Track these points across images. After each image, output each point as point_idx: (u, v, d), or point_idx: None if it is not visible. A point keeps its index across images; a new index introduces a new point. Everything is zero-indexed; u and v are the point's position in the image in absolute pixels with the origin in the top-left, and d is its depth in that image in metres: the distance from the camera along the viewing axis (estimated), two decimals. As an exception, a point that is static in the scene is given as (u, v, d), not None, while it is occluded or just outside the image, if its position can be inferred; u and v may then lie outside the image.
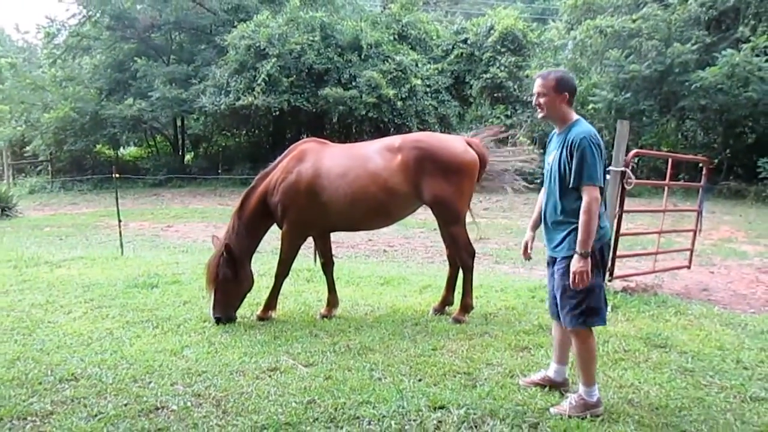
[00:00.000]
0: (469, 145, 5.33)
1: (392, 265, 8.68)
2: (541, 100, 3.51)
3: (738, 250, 10.07)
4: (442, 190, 5.11)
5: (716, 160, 18.92)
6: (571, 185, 3.37)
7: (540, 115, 3.58)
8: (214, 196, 20.77)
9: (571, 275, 3.34)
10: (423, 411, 3.47)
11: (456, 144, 5.31)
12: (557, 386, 3.79)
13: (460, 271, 5.48)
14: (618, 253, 6.65)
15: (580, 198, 3.35)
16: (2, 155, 28.73)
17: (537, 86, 3.53)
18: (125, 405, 3.61)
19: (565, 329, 3.61)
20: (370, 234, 11.26)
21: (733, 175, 19.26)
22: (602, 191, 3.37)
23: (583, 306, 3.39)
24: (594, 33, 20.16)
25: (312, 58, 21.22)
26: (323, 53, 21.63)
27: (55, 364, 4.27)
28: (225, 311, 5.30)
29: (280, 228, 5.48)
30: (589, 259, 3.30)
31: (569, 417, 3.41)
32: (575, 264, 3.31)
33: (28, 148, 27.10)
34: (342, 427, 3.31)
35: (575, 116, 3.55)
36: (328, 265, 5.68)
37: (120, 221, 9.71)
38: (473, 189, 5.36)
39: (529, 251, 3.90)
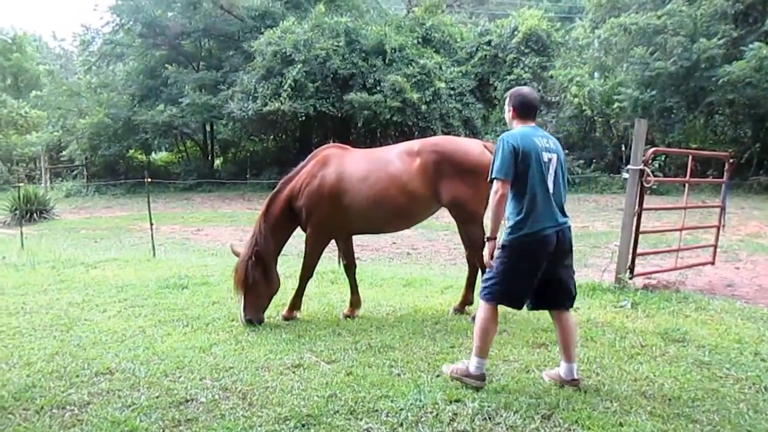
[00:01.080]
0: (486, 148, 5.43)
1: (415, 267, 8.81)
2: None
3: (766, 245, 9.97)
4: (460, 192, 5.21)
5: (746, 155, 18.60)
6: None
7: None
8: (242, 200, 21.13)
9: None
10: (439, 404, 3.59)
11: (473, 147, 5.41)
12: (568, 384, 3.87)
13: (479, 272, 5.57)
14: (639, 250, 6.69)
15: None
16: (40, 160, 29.60)
17: None
18: (157, 397, 3.80)
19: (566, 324, 3.90)
20: (394, 237, 11.40)
21: (764, 170, 18.92)
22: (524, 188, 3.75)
23: (491, 282, 3.81)
24: (619, 31, 20.01)
25: (337, 64, 21.44)
26: (348, 58, 21.83)
27: (91, 358, 4.49)
28: (255, 313, 5.42)
29: (304, 231, 5.63)
30: (494, 246, 3.76)
31: (451, 378, 3.89)
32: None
33: (64, 152, 27.92)
34: (361, 419, 3.45)
35: (518, 128, 3.96)
36: (350, 267, 5.82)
37: (152, 225, 10.01)
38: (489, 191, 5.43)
39: None
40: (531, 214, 3.71)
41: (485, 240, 3.86)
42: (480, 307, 3.90)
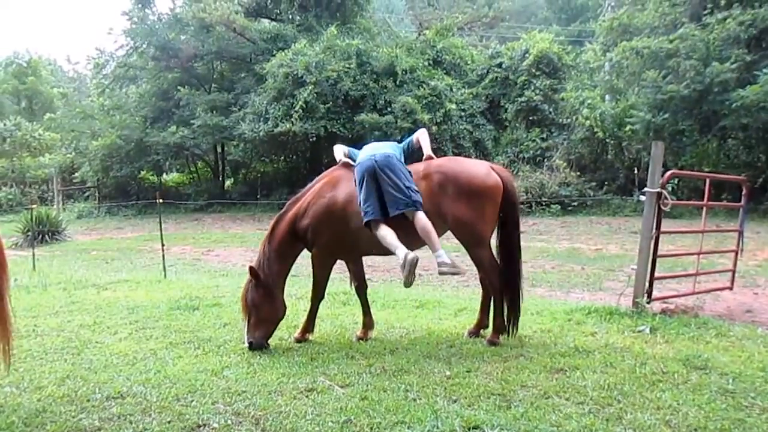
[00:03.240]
0: (493, 169, 5.37)
1: (428, 288, 8.73)
2: None
3: (784, 272, 9.81)
4: (464, 214, 5.13)
5: (760, 180, 18.43)
6: None
7: None
8: (253, 221, 21.16)
9: None
10: (457, 431, 3.50)
11: (478, 168, 5.35)
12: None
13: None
14: (657, 274, 6.58)
15: None
16: (53, 181, 29.86)
17: None
18: (169, 422, 3.73)
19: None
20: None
21: (779, 195, 18.72)
22: None
23: None
24: (630, 54, 20.00)
25: (348, 85, 21.58)
26: (359, 80, 21.98)
27: (102, 382, 4.43)
28: (255, 336, 5.29)
29: (309, 251, 5.58)
30: None
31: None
32: None
33: (76, 174, 28.19)
34: (377, 446, 3.37)
35: None
36: (361, 288, 5.77)
37: (163, 245, 10.02)
38: (497, 213, 5.34)
39: None
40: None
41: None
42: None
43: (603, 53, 22.55)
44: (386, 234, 4.97)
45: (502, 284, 5.37)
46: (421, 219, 4.96)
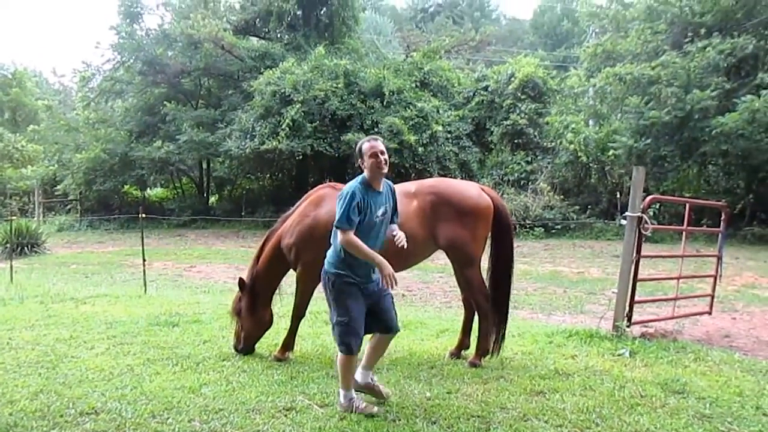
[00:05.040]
0: (483, 191, 5.42)
1: (410, 309, 8.71)
2: (386, 157, 4.22)
3: (761, 296, 9.93)
4: (457, 235, 5.18)
5: (739, 206, 18.72)
6: (396, 222, 4.45)
7: (383, 171, 4.20)
8: (237, 238, 21.04)
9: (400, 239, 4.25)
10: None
11: (470, 189, 5.40)
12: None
13: (476, 315, 5.51)
14: (637, 298, 6.63)
15: None
16: (34, 193, 29.52)
17: (382, 146, 4.24)
18: (144, 440, 3.68)
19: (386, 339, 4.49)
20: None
21: (757, 221, 19.01)
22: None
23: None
24: (614, 80, 20.32)
25: (335, 104, 21.68)
26: (346, 99, 22.09)
27: (76, 397, 4.36)
28: (240, 342, 5.61)
29: (294, 270, 5.59)
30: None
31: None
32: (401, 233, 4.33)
33: (58, 187, 27.86)
34: (355, 467, 3.34)
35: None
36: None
37: (144, 260, 9.91)
38: (488, 233, 5.40)
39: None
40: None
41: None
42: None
43: (587, 78, 22.89)
44: (351, 366, 4.24)
45: (491, 305, 5.40)
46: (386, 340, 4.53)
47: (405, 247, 4.15)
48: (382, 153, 4.13)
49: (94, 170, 25.33)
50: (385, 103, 22.24)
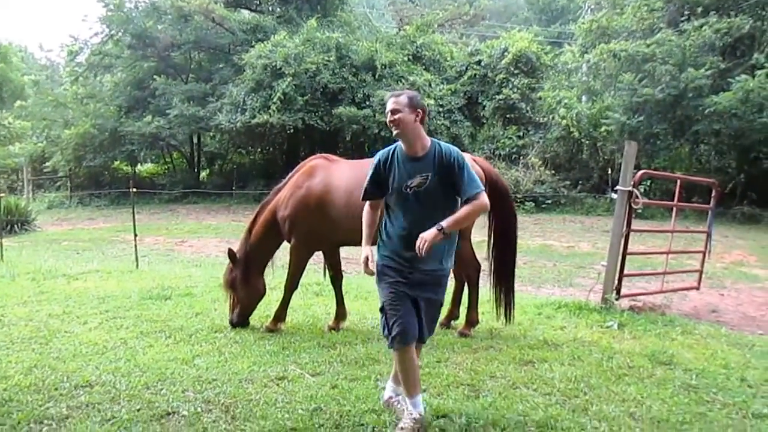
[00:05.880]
0: (475, 161, 5.40)
1: (402, 281, 8.75)
2: (396, 117, 3.45)
3: (749, 274, 10.06)
4: None
5: (730, 185, 18.82)
6: (464, 198, 3.41)
7: (395, 132, 3.48)
8: (228, 212, 21.00)
9: (420, 241, 3.30)
10: (426, 419, 3.54)
11: None
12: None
13: (466, 286, 5.55)
14: (626, 272, 6.70)
15: (453, 213, 3.41)
16: (23, 171, 29.24)
17: (391, 104, 3.47)
18: (138, 410, 3.71)
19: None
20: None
21: (748, 200, 19.14)
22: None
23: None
24: (608, 57, 20.26)
25: (327, 78, 21.51)
26: (338, 73, 21.92)
27: (70, 371, 4.38)
28: (235, 315, 5.62)
29: (288, 242, 5.60)
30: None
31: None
32: (431, 232, 3.30)
33: (47, 163, 27.55)
34: (346, 434, 3.40)
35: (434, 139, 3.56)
36: (337, 279, 5.79)
37: (136, 235, 9.89)
38: None
39: (370, 266, 3.63)
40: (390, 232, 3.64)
41: (439, 230, 3.31)
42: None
43: (581, 55, 22.80)
44: (404, 363, 3.51)
45: (496, 276, 5.43)
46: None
47: (420, 256, 3.34)
48: (392, 112, 3.43)
49: (84, 146, 25.07)
50: (377, 76, 22.08)
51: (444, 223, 3.32)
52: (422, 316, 3.51)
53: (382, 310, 3.51)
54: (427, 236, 3.29)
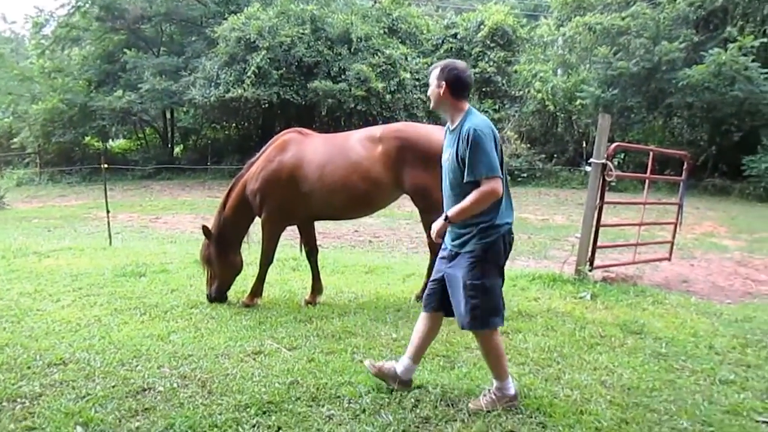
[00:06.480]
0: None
1: (377, 254, 8.79)
2: (428, 91, 3.46)
3: (719, 244, 10.27)
4: (423, 180, 5.16)
5: (702, 158, 19.13)
6: (466, 180, 3.24)
7: (430, 107, 3.50)
8: (203, 188, 20.79)
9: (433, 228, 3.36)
10: (402, 390, 3.58)
11: (435, 133, 5.36)
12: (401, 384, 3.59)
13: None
14: (599, 244, 6.80)
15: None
16: (-11, 147, 28.54)
17: (430, 76, 3.45)
18: (113, 387, 3.69)
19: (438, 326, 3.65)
20: (356, 225, 11.37)
21: (719, 173, 19.50)
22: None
23: (483, 306, 3.30)
24: (583, 30, 20.33)
25: (302, 51, 21.23)
26: (313, 46, 21.64)
27: (43, 349, 4.32)
28: (213, 290, 5.61)
29: (259, 216, 5.57)
30: (481, 255, 3.26)
31: (488, 411, 3.32)
32: (438, 222, 3.33)
33: (15, 140, 26.90)
34: (323, 406, 3.42)
35: (466, 108, 3.40)
36: (312, 253, 5.78)
37: (108, 212, 9.73)
38: None
39: None
40: (500, 211, 3.32)
41: (445, 219, 3.31)
42: (481, 336, 3.43)
43: (557, 28, 22.84)
44: (501, 348, 3.49)
45: None
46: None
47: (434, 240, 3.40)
48: (427, 85, 3.28)
49: (53, 122, 24.50)
50: (352, 49, 21.86)
51: (450, 212, 3.30)
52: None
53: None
54: (435, 226, 3.35)
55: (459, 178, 3.30)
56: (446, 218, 3.31)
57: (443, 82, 3.34)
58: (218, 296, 5.62)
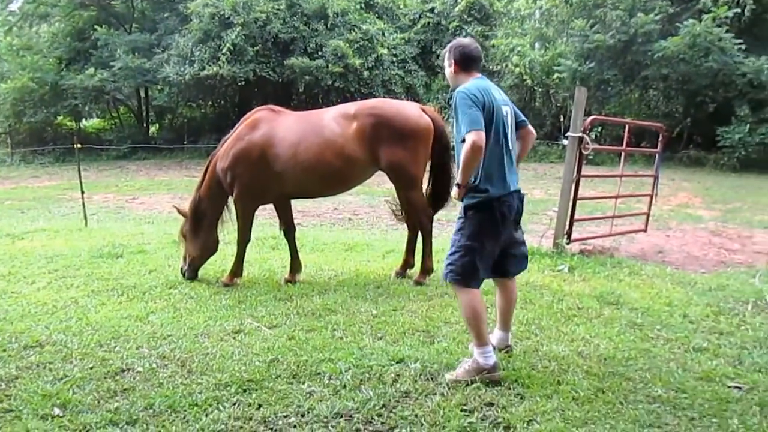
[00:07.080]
0: (424, 111, 5.38)
1: (357, 232, 8.79)
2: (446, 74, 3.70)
3: (694, 215, 10.43)
4: (398, 156, 5.16)
5: (677, 129, 19.33)
6: (459, 139, 3.35)
7: (450, 87, 3.66)
8: (180, 168, 20.54)
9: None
10: (382, 365, 3.60)
11: (410, 110, 5.35)
12: (502, 350, 3.80)
13: (420, 235, 5.60)
14: (576, 217, 6.86)
15: None
16: (-43, 128, 27.81)
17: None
18: (91, 368, 3.66)
19: (511, 291, 3.82)
20: (335, 203, 11.34)
21: (693, 144, 19.72)
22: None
23: (459, 263, 3.43)
24: (560, 2, 20.31)
25: (278, 27, 20.93)
26: (289, 22, 21.35)
27: (19, 332, 4.27)
28: (186, 265, 5.65)
29: (231, 195, 5.52)
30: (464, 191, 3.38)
31: (465, 383, 3.35)
32: (453, 190, 3.48)
33: (-17, 120, 26.32)
34: (303, 383, 3.43)
35: (477, 76, 3.57)
36: (290, 231, 5.76)
37: (83, 193, 9.58)
38: (428, 154, 5.39)
39: None
40: (495, 175, 3.39)
41: (456, 185, 3.40)
42: (458, 297, 3.57)
43: (534, 1, 22.72)
44: (480, 308, 3.49)
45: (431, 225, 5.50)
46: (515, 286, 3.93)
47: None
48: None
49: (23, 101, 23.94)
50: (329, 25, 21.61)
51: (458, 178, 3.39)
52: None
53: None
54: (452, 194, 3.51)
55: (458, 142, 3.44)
56: (457, 184, 3.41)
57: (452, 61, 3.59)
58: (191, 273, 5.65)
